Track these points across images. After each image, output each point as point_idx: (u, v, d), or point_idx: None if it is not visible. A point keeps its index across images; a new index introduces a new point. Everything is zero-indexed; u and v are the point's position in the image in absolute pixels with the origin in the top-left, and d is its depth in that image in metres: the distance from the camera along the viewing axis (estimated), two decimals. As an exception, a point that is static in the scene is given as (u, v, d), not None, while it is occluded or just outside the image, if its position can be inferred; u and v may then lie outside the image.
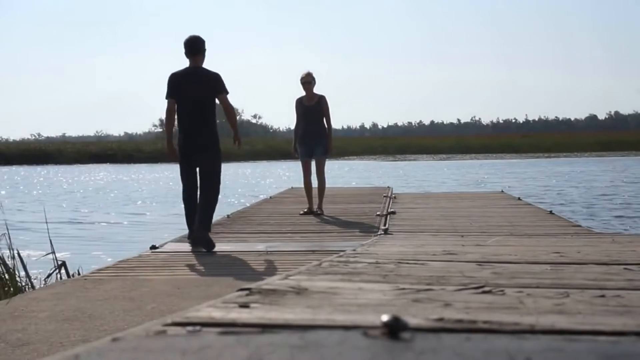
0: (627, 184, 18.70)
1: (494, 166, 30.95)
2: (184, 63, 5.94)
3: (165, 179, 24.86)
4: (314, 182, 8.31)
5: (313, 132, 8.03)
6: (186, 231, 5.96)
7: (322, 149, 8.06)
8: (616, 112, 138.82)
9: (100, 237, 10.13)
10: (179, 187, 6.10)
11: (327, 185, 8.57)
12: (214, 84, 5.79)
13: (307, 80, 8.00)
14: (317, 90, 8.10)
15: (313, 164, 8.20)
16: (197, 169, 5.89)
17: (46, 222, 6.38)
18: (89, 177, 27.45)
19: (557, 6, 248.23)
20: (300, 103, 8.09)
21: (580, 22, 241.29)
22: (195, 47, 5.85)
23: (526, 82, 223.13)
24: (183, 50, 5.89)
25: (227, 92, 5.87)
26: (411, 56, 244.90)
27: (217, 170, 5.87)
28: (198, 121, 5.79)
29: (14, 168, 35.90)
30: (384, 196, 10.24)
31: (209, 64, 5.95)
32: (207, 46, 5.94)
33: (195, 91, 5.75)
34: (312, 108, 8.01)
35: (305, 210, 8.23)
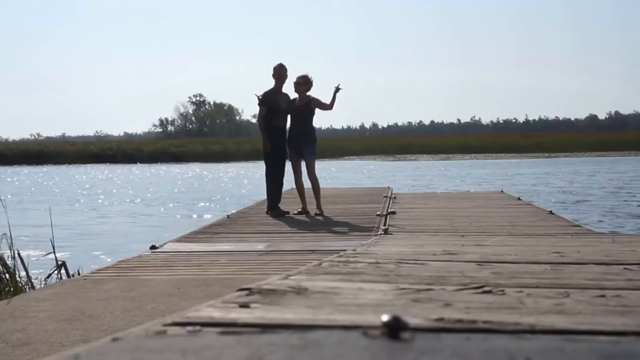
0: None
1: (494, 166, 30.94)
2: (179, 63, 6.09)
3: (165, 178, 24.86)
4: (307, 183, 8.36)
5: (301, 133, 8.13)
6: (185, 231, 6.00)
7: (310, 150, 8.14)
8: (616, 112, 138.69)
9: (101, 237, 10.14)
10: (178, 187, 6.13)
11: (327, 186, 8.61)
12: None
13: (299, 82, 8.12)
14: (319, 92, 8.25)
15: (303, 164, 8.25)
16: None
17: (50, 223, 6.38)
18: (89, 177, 27.46)
19: (557, 6, 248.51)
20: (292, 102, 8.20)
21: (582, 23, 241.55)
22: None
23: (527, 82, 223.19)
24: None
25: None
26: (412, 56, 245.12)
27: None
28: None
29: (14, 168, 35.92)
30: (384, 196, 10.24)
31: (207, 64, 6.08)
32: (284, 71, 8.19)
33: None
34: (302, 109, 8.14)
35: (299, 210, 8.27)
